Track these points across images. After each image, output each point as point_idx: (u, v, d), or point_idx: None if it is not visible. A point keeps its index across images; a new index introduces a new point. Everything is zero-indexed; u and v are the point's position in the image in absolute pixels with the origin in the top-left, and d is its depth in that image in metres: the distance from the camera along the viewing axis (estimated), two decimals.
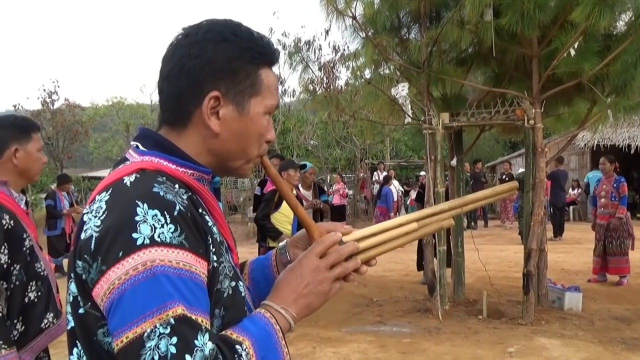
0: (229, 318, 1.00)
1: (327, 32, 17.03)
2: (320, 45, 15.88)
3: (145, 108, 34.09)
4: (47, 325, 2.04)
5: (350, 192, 18.13)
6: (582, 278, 8.17)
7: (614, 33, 5.72)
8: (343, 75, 19.10)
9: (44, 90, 21.48)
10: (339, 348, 5.24)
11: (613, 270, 7.81)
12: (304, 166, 6.70)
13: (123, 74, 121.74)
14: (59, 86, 30.24)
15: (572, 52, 5.28)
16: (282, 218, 5.92)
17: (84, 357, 1.00)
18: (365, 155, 18.96)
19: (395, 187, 17.32)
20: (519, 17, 5.24)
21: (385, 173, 17.89)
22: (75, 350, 1.01)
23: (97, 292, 0.92)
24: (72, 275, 0.99)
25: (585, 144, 16.27)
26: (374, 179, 18.80)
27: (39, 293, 2.02)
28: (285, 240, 1.33)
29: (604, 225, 7.86)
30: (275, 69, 1.14)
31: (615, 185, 7.81)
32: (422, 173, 19.94)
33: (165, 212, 0.92)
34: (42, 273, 2.04)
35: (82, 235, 0.95)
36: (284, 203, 6.02)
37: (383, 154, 21.08)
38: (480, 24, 5.58)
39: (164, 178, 0.99)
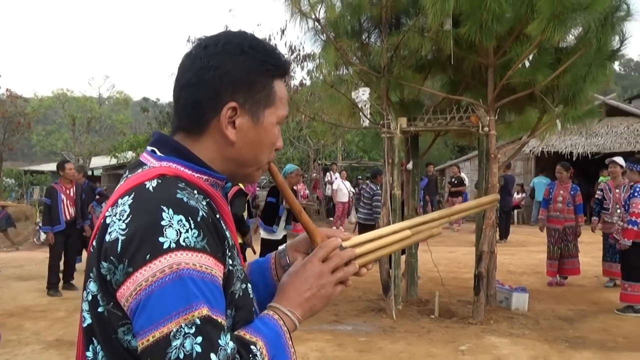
0: (238, 318, 1.05)
1: (283, 32, 17.09)
2: (276, 44, 15.87)
3: (93, 101, 33.15)
4: None
5: (306, 192, 18.23)
6: (527, 279, 8.54)
7: (565, 47, 6.02)
8: (298, 76, 19.16)
9: None
10: (297, 347, 5.21)
11: (568, 272, 8.21)
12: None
13: (69, 66, 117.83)
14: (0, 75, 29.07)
15: (527, 64, 5.53)
16: None
17: (100, 354, 1.03)
18: (318, 156, 19.07)
19: (347, 188, 17.53)
20: (477, 28, 5.45)
21: (337, 174, 18.07)
22: (91, 347, 1.04)
23: (123, 293, 0.95)
24: (91, 275, 1.02)
25: (530, 150, 16.92)
26: (326, 179, 18.95)
27: None
28: (284, 244, 1.38)
29: (558, 230, 8.19)
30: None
31: (572, 192, 8.20)
32: None
33: (190, 218, 0.96)
34: None
35: (107, 238, 0.97)
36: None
37: (335, 155, 21.26)
38: (440, 32, 5.76)
39: (184, 184, 1.03)
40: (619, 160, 7.91)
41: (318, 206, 19.26)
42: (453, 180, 16.04)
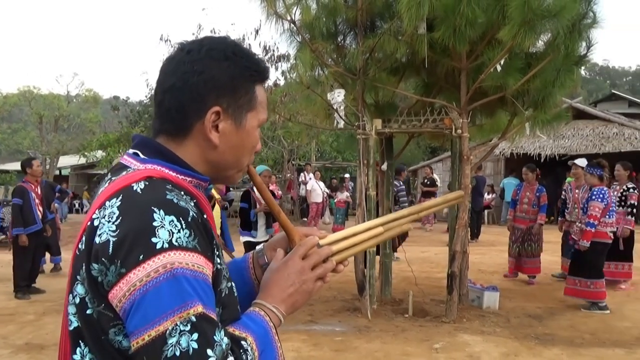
0: (225, 316, 1.08)
1: (257, 32, 17.04)
2: (250, 44, 15.84)
3: (61, 99, 32.41)
4: None
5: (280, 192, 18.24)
6: (498, 278, 8.73)
7: (535, 52, 6.18)
8: (272, 76, 19.12)
9: None
10: None
11: (529, 270, 8.45)
12: None
13: (36, 63, 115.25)
14: None
15: (498, 68, 5.67)
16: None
17: (88, 356, 1.04)
18: (292, 156, 19.09)
19: (321, 188, 17.58)
20: (451, 32, 5.56)
21: (311, 174, 18.10)
22: (78, 349, 1.05)
23: (115, 294, 0.96)
24: (78, 277, 1.03)
25: (500, 152, 17.25)
26: (300, 179, 18.97)
27: None
28: (262, 244, 1.43)
29: (522, 229, 8.47)
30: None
31: (537, 194, 8.46)
32: (347, 175, 20.42)
33: (181, 218, 0.99)
34: None
35: (97, 240, 0.99)
36: (215, 210, 6.02)
37: (309, 155, 21.30)
38: (414, 36, 5.86)
39: (171, 185, 1.05)
40: (580, 162, 8.21)
41: (292, 207, 19.28)
42: (425, 181, 16.23)
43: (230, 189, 13.27)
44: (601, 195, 6.78)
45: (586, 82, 50.85)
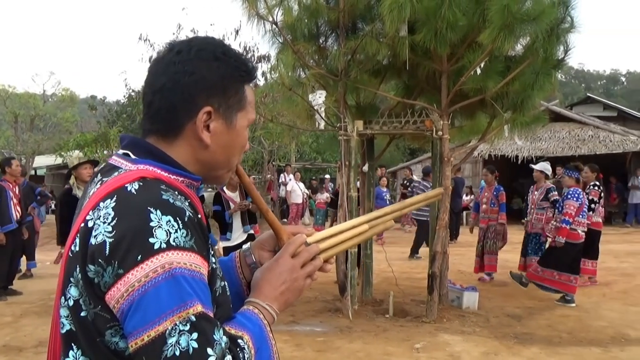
0: (219, 315, 1.08)
1: (237, 32, 17.00)
2: (230, 45, 15.78)
3: (37, 98, 31.91)
4: None
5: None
6: (477, 278, 8.81)
7: (514, 56, 6.28)
8: None
9: None
10: None
11: (486, 267, 8.65)
12: None
13: (11, 61, 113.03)
14: None
15: (478, 71, 5.74)
16: None
17: (81, 359, 1.03)
18: (272, 157, 19.06)
19: (301, 189, 17.59)
20: (432, 35, 5.62)
21: (291, 175, 18.10)
22: (71, 352, 1.05)
23: (113, 295, 0.96)
24: (71, 279, 1.02)
25: (478, 153, 17.44)
26: (280, 180, 18.94)
27: None
28: (249, 243, 1.43)
29: (483, 228, 8.79)
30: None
31: (495, 193, 8.73)
32: (327, 176, 20.46)
33: (178, 218, 1.00)
34: None
35: (93, 241, 0.98)
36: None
37: (289, 156, 21.29)
38: (396, 38, 5.91)
39: (165, 186, 1.05)
40: (539, 166, 8.56)
41: (272, 207, 19.23)
42: (405, 182, 16.34)
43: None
44: (576, 195, 7.13)
45: (562, 86, 51.69)
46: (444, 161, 6.37)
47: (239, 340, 1.05)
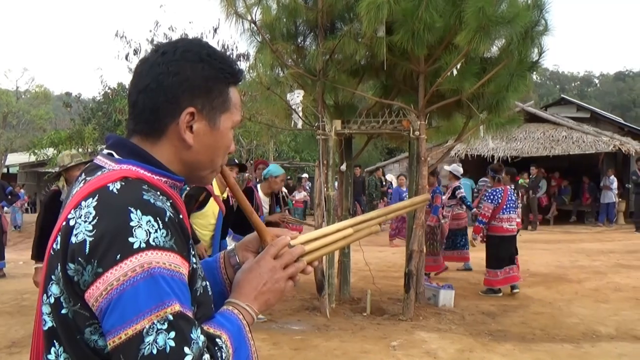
0: (200, 314, 1.09)
1: (215, 31, 16.91)
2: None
3: (10, 95, 31.35)
4: None
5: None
6: (453, 276, 8.93)
7: (490, 57, 6.38)
8: None
9: None
10: None
11: (428, 268, 8.58)
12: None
13: None
14: None
15: (455, 72, 5.82)
16: (200, 221, 5.57)
17: (63, 356, 1.04)
18: (250, 156, 19.01)
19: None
20: (409, 36, 5.68)
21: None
22: (53, 349, 1.05)
23: (92, 293, 0.97)
24: (53, 277, 1.03)
25: (455, 153, 17.60)
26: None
27: None
28: (234, 244, 1.44)
29: (427, 230, 8.99)
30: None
31: (432, 195, 8.87)
32: (305, 175, 20.46)
33: (158, 218, 1.00)
34: None
35: (73, 240, 0.99)
36: (208, 206, 5.53)
37: (267, 155, 21.25)
38: (374, 39, 5.96)
39: (147, 186, 1.06)
40: (450, 167, 9.63)
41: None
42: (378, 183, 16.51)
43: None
44: (491, 197, 7.81)
45: (537, 87, 52.46)
46: (421, 161, 6.44)
47: (217, 340, 1.06)
